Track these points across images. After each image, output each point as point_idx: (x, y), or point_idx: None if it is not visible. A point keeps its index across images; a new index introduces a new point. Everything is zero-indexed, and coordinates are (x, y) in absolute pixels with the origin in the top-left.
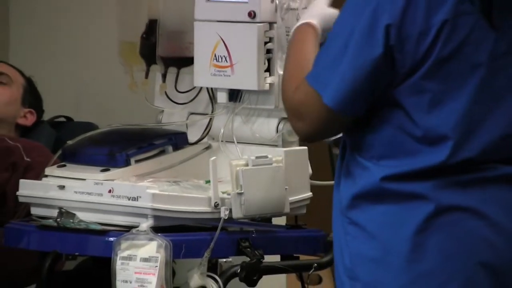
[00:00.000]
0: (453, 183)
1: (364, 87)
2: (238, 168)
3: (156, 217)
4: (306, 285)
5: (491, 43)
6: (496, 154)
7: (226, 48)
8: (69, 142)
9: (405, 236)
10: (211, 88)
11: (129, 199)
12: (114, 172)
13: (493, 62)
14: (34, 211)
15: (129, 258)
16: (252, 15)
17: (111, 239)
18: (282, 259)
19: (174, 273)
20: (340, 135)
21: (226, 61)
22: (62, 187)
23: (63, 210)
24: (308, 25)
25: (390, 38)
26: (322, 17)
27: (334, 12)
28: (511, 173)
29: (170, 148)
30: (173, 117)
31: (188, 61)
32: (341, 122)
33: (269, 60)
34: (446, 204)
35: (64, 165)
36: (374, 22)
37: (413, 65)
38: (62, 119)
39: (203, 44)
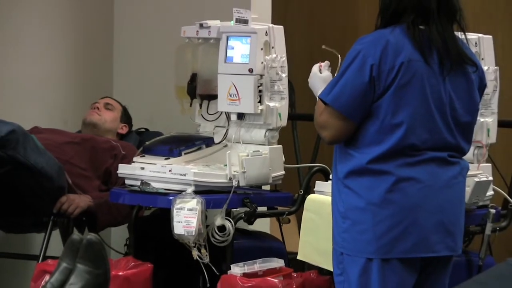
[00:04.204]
0: (405, 164)
1: (361, 100)
2: (242, 158)
3: (196, 185)
4: (281, 224)
5: (428, 77)
6: (427, 144)
7: (236, 89)
8: (147, 143)
9: (379, 194)
10: (227, 112)
11: (180, 175)
12: (172, 160)
13: (429, 88)
14: (127, 182)
15: (181, 208)
16: (251, 70)
17: (171, 198)
18: (267, 209)
19: (206, 217)
20: None
21: (236, 97)
22: (142, 168)
23: (143, 181)
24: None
25: (373, 72)
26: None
27: (328, 74)
28: (435, 156)
29: (204, 146)
30: (205, 128)
31: (214, 97)
32: (348, 128)
33: (260, 96)
34: (402, 176)
35: (144, 156)
36: (364, 62)
37: (384, 89)
38: (143, 129)
39: (223, 87)
